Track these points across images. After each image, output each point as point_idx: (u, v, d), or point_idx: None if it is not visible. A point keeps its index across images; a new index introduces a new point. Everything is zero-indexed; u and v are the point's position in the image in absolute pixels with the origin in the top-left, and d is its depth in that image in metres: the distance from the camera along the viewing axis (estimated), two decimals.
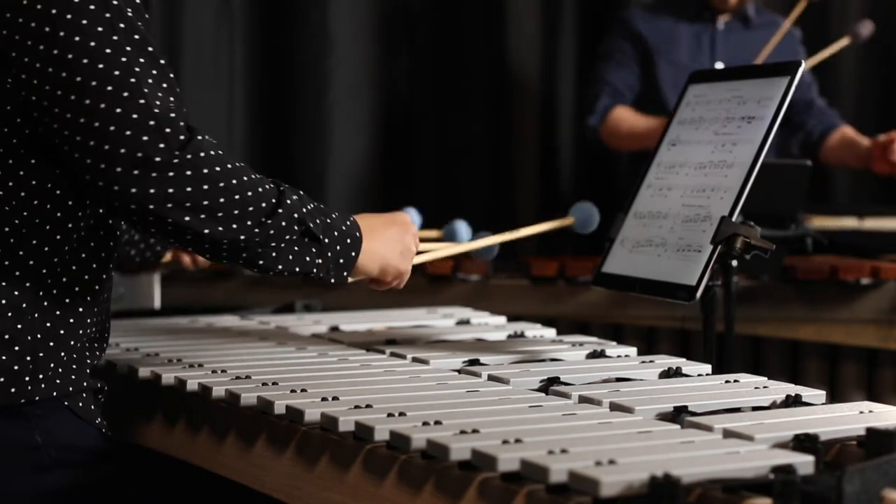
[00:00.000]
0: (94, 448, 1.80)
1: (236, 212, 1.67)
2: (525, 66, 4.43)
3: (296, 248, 1.74)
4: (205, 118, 4.14)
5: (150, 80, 1.65)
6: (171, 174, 1.62)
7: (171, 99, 1.67)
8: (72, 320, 1.76)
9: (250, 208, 1.68)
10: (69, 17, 1.63)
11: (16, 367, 1.70)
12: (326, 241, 1.77)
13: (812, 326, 3.18)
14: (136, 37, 1.66)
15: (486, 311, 2.67)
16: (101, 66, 1.63)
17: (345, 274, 1.81)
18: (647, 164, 2.13)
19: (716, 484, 1.27)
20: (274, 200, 1.71)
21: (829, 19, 4.60)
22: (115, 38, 1.64)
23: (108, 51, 1.63)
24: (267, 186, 1.72)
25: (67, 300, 1.75)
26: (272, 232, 1.70)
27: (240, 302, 3.09)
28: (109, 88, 1.62)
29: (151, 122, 1.62)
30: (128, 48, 1.65)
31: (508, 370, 1.91)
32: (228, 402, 1.80)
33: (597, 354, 2.09)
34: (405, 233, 1.91)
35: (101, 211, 1.77)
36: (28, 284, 1.72)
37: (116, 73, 1.63)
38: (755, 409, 1.66)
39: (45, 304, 1.73)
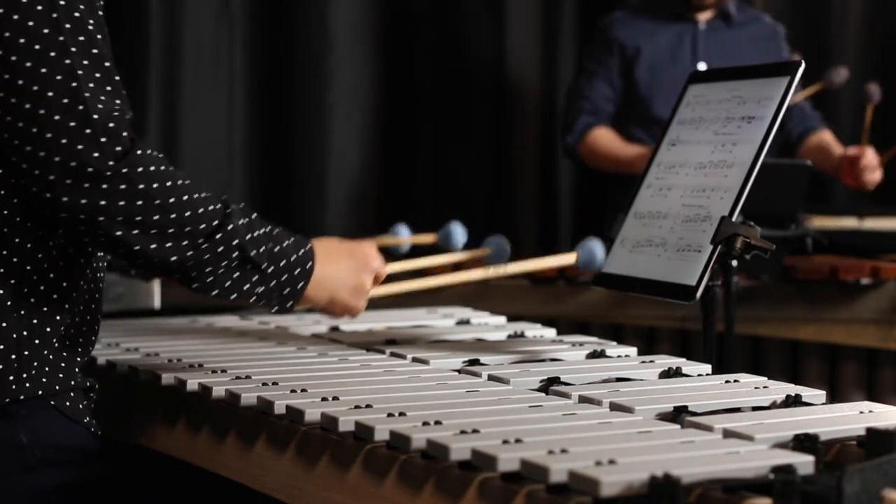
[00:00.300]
0: (83, 447, 1.78)
1: (171, 231, 1.65)
2: (525, 66, 4.43)
3: (235, 275, 1.72)
4: (205, 118, 4.15)
5: (91, 85, 1.63)
6: (104, 186, 1.61)
7: (116, 104, 1.65)
8: (57, 317, 1.74)
9: (186, 229, 1.66)
10: (15, 17, 1.61)
11: (0, 366, 1.69)
12: (270, 269, 1.74)
13: (812, 326, 3.18)
14: (82, 38, 1.64)
15: (486, 311, 2.67)
16: (43, 70, 1.61)
17: (289, 304, 1.79)
18: (648, 164, 2.13)
19: (716, 484, 1.27)
20: (216, 223, 1.69)
21: (830, 18, 4.60)
22: (60, 38, 1.62)
23: (52, 54, 1.62)
24: (211, 207, 1.69)
25: (53, 297, 1.73)
26: (207, 256, 1.68)
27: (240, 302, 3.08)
28: (50, 94, 1.61)
29: (88, 131, 1.61)
30: (73, 49, 1.62)
31: (508, 370, 1.91)
32: (228, 402, 1.80)
33: (597, 354, 2.09)
34: (363, 268, 1.88)
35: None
36: (12, 282, 1.70)
37: (58, 77, 1.61)
38: (755, 409, 1.66)
39: (30, 301, 1.71)
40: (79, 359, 1.80)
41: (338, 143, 4.27)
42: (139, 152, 1.63)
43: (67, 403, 1.76)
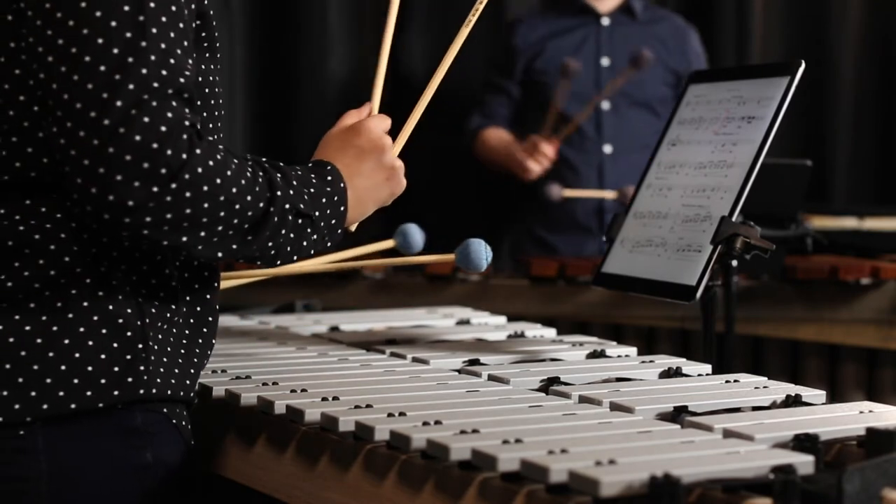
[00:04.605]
0: (186, 469, 1.72)
1: (231, 229, 1.57)
2: None
3: (292, 237, 1.64)
4: None
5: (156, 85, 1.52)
6: (168, 198, 1.51)
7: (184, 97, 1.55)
8: (178, 319, 1.69)
9: (245, 225, 1.58)
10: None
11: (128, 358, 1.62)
12: (317, 213, 1.67)
13: (812, 326, 3.18)
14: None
15: (486, 311, 2.67)
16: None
17: (339, 232, 1.72)
18: (648, 164, 2.13)
19: (716, 484, 1.27)
20: (267, 197, 1.60)
21: (829, 18, 4.61)
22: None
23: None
24: (257, 189, 1.59)
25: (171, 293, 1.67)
26: (267, 233, 1.60)
27: (240, 302, 3.09)
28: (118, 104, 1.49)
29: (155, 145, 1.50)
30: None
31: (508, 370, 1.91)
32: (228, 402, 1.80)
33: (597, 354, 2.09)
34: (381, 154, 1.79)
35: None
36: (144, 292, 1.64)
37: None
38: (755, 409, 1.66)
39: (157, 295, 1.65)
40: (192, 370, 1.71)
41: None
42: (198, 151, 1.53)
43: (183, 422, 1.70)
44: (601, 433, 1.49)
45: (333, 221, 1.70)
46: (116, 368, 1.59)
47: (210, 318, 1.75)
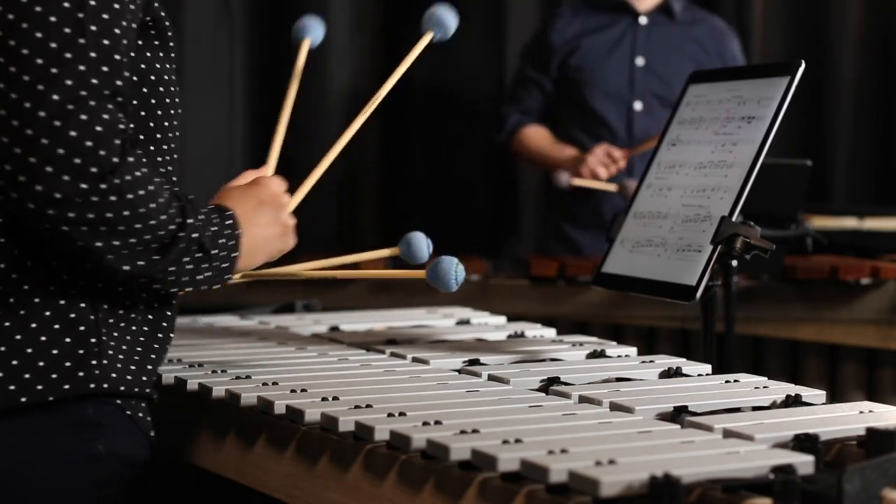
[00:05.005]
0: (146, 463, 1.74)
1: (140, 243, 1.57)
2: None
3: (189, 267, 1.63)
4: (205, 118, 4.15)
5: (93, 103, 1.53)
6: (94, 198, 1.52)
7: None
8: (132, 315, 1.70)
9: (153, 243, 1.58)
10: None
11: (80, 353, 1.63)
12: (214, 251, 1.66)
13: (812, 326, 3.18)
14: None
15: (486, 311, 2.67)
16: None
17: (228, 277, 1.71)
18: (648, 164, 2.13)
19: (716, 484, 1.27)
20: (178, 221, 1.60)
21: (830, 18, 4.61)
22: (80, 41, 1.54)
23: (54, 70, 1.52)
24: (171, 210, 1.60)
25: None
26: (172, 257, 1.60)
27: (240, 302, 3.09)
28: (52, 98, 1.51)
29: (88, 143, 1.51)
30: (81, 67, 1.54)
31: (508, 370, 1.91)
32: (228, 402, 1.80)
33: (597, 354, 2.09)
34: (279, 209, 1.78)
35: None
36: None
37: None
38: (755, 409, 1.66)
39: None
40: (150, 366, 1.72)
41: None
42: (130, 159, 1.55)
43: (140, 414, 1.71)
44: (601, 433, 1.49)
45: (226, 265, 1.69)
46: (68, 363, 1.62)
47: (168, 313, 1.76)
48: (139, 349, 1.71)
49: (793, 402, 1.70)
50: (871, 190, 4.62)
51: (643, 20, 3.85)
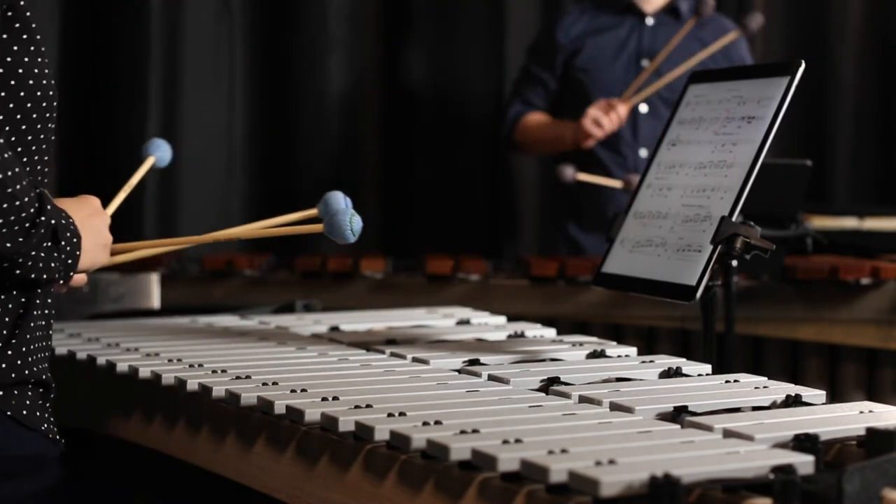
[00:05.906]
0: (40, 456, 1.74)
1: (7, 221, 1.59)
2: None
3: (43, 255, 1.65)
4: (205, 118, 4.15)
5: None
6: None
7: None
8: None
9: (16, 221, 1.60)
10: None
11: None
12: (63, 242, 1.68)
13: (812, 326, 3.18)
14: None
15: (486, 311, 2.67)
16: None
17: (70, 274, 1.71)
18: (648, 164, 2.13)
19: (716, 484, 1.27)
20: (37, 205, 1.63)
21: (830, 18, 4.61)
22: None
23: None
24: (32, 193, 1.63)
25: None
26: (32, 241, 1.63)
27: (240, 302, 3.09)
28: None
29: None
30: None
31: (508, 370, 1.91)
32: (228, 402, 1.80)
33: (597, 354, 2.09)
34: (104, 223, 1.81)
35: None
36: None
37: None
38: (755, 409, 1.66)
39: None
40: (30, 357, 1.72)
41: (338, 143, 4.28)
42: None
43: (24, 412, 1.70)
44: (601, 433, 1.49)
45: (70, 261, 1.70)
46: None
47: (39, 301, 1.74)
48: (14, 341, 1.70)
49: (793, 402, 1.70)
50: (872, 190, 4.63)
51: (649, 21, 3.84)
